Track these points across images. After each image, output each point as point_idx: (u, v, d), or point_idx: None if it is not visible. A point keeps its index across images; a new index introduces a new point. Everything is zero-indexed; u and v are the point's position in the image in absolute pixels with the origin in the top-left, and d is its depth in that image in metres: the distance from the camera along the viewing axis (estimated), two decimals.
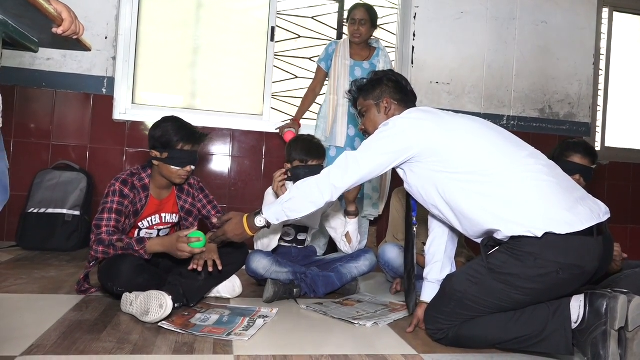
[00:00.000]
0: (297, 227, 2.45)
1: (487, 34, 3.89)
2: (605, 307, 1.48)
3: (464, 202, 1.64)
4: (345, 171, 1.74)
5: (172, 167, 2.06)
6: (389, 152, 1.72)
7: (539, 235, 1.50)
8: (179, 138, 2.05)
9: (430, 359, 1.60)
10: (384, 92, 1.91)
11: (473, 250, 2.76)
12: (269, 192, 2.40)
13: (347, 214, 2.37)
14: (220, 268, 2.00)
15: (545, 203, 1.55)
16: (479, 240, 1.72)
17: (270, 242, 2.30)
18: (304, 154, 2.32)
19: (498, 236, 1.60)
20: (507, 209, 1.57)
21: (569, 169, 2.10)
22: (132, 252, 1.91)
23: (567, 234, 1.49)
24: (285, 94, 3.77)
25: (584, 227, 1.51)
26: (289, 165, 2.35)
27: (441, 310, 1.69)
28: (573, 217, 1.52)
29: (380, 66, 3.14)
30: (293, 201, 1.78)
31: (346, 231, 2.38)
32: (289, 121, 3.28)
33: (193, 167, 2.11)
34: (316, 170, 2.31)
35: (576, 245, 1.51)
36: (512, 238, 1.56)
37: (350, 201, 2.34)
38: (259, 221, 1.83)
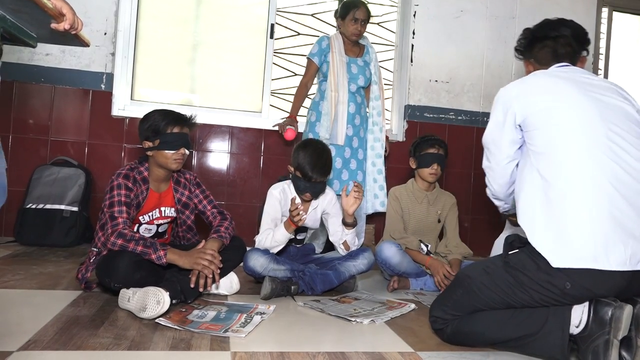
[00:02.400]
0: (296, 228, 2.44)
1: (487, 33, 3.89)
2: (610, 316, 1.45)
3: (525, 184, 1.59)
4: (489, 159, 1.75)
5: (166, 151, 2.07)
6: (500, 121, 1.68)
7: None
8: (167, 122, 2.07)
9: (427, 356, 1.60)
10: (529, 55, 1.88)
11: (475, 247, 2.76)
12: (272, 192, 2.37)
13: (344, 224, 2.37)
14: (217, 282, 2.02)
15: (587, 239, 1.46)
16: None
17: (275, 249, 2.28)
18: (309, 169, 2.23)
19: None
20: (550, 230, 1.50)
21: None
22: (152, 252, 1.89)
23: None
24: (284, 92, 3.77)
25: (611, 269, 1.44)
26: (291, 169, 2.32)
27: (449, 297, 1.70)
28: (605, 258, 1.44)
29: (373, 63, 3.17)
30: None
31: (343, 239, 2.39)
32: (285, 118, 3.26)
33: (187, 151, 2.11)
34: (318, 187, 2.29)
35: (595, 273, 1.45)
36: None
37: (350, 214, 2.33)
38: None
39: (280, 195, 2.35)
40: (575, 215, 1.48)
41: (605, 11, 4.22)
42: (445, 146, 2.68)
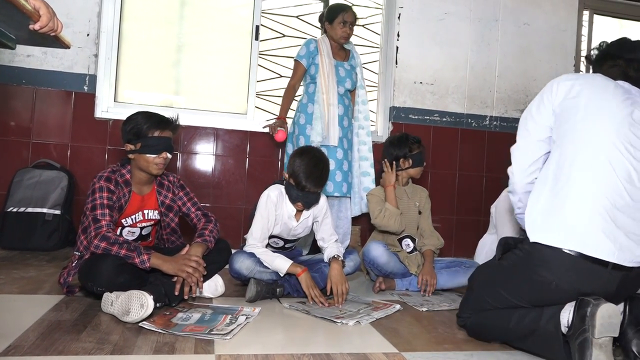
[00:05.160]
0: (285, 240, 2.44)
1: (470, 35, 3.93)
2: (587, 314, 1.47)
3: (542, 171, 1.67)
4: (513, 155, 1.74)
5: (148, 155, 2.05)
6: (533, 116, 1.68)
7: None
8: (149, 125, 2.06)
9: (411, 356, 1.61)
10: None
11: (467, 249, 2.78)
12: (269, 195, 2.29)
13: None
14: (201, 289, 2.00)
15: (578, 225, 1.53)
16: None
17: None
18: (303, 178, 2.16)
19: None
20: (547, 210, 1.58)
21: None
22: (136, 256, 1.88)
23: (579, 256, 1.50)
24: (269, 93, 3.76)
25: (596, 256, 1.49)
26: (286, 176, 2.27)
27: (464, 298, 1.87)
28: (593, 247, 1.49)
29: (358, 67, 3.22)
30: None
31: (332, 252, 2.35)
32: (275, 119, 3.25)
33: (169, 155, 2.09)
34: (311, 197, 2.23)
35: (581, 269, 1.51)
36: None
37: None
38: None
39: (276, 199, 2.30)
40: (573, 201, 1.54)
41: (586, 14, 4.29)
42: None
